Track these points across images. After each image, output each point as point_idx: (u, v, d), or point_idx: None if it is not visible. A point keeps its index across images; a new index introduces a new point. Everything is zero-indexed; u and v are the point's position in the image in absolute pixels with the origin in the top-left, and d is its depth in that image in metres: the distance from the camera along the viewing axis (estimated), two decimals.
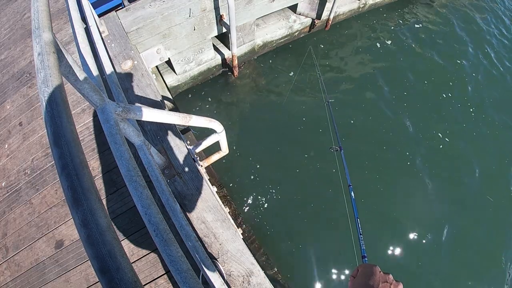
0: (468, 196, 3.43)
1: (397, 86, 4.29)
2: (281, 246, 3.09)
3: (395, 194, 3.37)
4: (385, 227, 3.18)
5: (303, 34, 4.74)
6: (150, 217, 0.81)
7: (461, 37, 5.07)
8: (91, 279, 1.69)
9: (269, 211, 3.26)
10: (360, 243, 1.57)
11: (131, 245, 1.70)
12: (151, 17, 2.77)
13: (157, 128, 1.94)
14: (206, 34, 3.46)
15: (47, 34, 0.75)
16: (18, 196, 2.06)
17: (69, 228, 1.84)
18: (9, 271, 1.84)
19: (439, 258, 3.04)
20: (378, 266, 0.67)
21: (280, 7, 3.90)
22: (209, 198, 1.69)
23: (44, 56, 0.69)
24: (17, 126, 2.38)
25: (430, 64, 4.59)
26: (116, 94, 1.59)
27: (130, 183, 0.83)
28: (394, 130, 3.85)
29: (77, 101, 2.30)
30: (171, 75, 3.81)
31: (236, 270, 1.48)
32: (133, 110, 1.04)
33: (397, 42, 4.83)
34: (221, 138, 1.91)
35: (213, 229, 1.59)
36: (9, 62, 2.86)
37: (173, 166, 1.79)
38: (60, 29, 2.81)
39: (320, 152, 3.57)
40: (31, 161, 2.16)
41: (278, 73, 4.39)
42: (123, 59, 2.34)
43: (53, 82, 0.65)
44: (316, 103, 3.98)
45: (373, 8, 5.23)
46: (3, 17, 3.39)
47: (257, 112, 4.01)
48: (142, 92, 2.14)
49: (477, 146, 3.82)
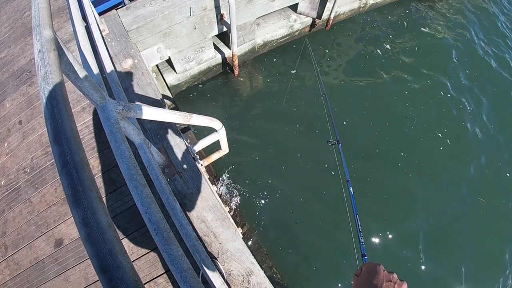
0: (467, 193, 3.44)
1: (397, 85, 4.29)
2: (281, 246, 3.08)
3: (394, 191, 3.39)
4: (385, 223, 3.18)
5: (304, 33, 4.74)
6: (150, 216, 0.80)
7: (463, 37, 5.06)
8: (90, 278, 1.69)
9: (268, 209, 3.26)
10: (359, 240, 1.49)
11: (131, 244, 1.69)
12: (151, 15, 2.77)
13: (157, 127, 1.94)
14: (206, 33, 3.45)
15: (48, 31, 0.74)
16: (17, 194, 2.06)
17: (69, 227, 1.83)
18: (8, 270, 1.84)
19: (439, 256, 3.05)
20: (382, 264, 0.67)
21: (281, 6, 3.90)
22: (209, 197, 1.68)
23: (45, 53, 0.69)
24: (17, 125, 2.38)
25: (430, 64, 4.59)
26: (117, 93, 1.59)
27: (130, 181, 0.83)
28: (393, 128, 3.86)
29: (77, 100, 2.30)
30: (171, 74, 3.80)
31: (236, 270, 1.48)
32: (133, 109, 1.04)
33: (397, 41, 4.83)
34: (221, 137, 1.91)
35: (213, 228, 1.59)
36: (9, 60, 2.85)
37: (173, 165, 1.79)
38: (60, 27, 2.80)
39: (319, 147, 3.59)
40: (30, 160, 2.15)
41: (278, 72, 4.38)
42: (123, 57, 2.33)
43: (53, 79, 0.64)
44: (315, 99, 4.00)
45: (373, 8, 5.23)
46: (3, 15, 3.38)
47: (257, 111, 4.01)
48: (142, 90, 2.13)
49: (477, 143, 3.83)
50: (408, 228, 3.18)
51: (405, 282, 0.63)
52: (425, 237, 3.14)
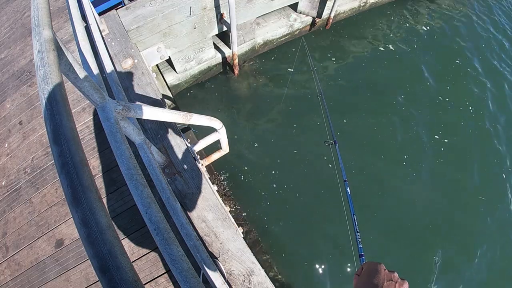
0: (466, 192, 3.44)
1: (396, 85, 4.28)
2: (281, 245, 3.08)
3: (392, 190, 3.38)
4: (383, 223, 3.18)
5: (304, 32, 4.73)
6: (151, 216, 0.80)
7: (465, 37, 5.04)
8: (91, 278, 1.69)
9: (268, 209, 3.26)
10: (357, 241, 1.48)
11: (132, 244, 1.69)
12: (151, 15, 2.77)
13: (158, 127, 1.93)
14: (206, 33, 3.45)
15: (47, 31, 0.74)
16: (18, 195, 2.06)
17: (69, 227, 1.83)
18: (9, 270, 1.84)
19: (438, 255, 3.04)
20: (383, 264, 0.66)
21: (281, 5, 3.89)
22: (209, 197, 1.68)
23: (44, 54, 0.68)
24: (17, 125, 2.38)
25: (429, 64, 4.58)
26: (117, 93, 1.59)
27: (131, 181, 0.83)
28: (392, 127, 3.86)
29: (77, 100, 2.29)
30: (171, 74, 3.80)
31: (236, 269, 1.48)
32: (133, 109, 1.04)
33: (397, 40, 4.82)
34: (221, 137, 1.90)
35: (213, 228, 1.58)
36: (9, 61, 2.85)
37: (173, 164, 1.78)
38: (60, 27, 2.80)
39: (316, 148, 3.59)
40: (31, 160, 2.16)
41: (278, 71, 4.38)
42: (123, 57, 2.33)
43: (52, 80, 0.64)
44: (311, 98, 4.00)
45: (374, 7, 5.22)
46: (3, 16, 3.38)
47: (257, 110, 4.01)
48: (143, 90, 2.13)
49: (476, 144, 3.83)
50: (408, 228, 3.17)
51: (406, 281, 0.63)
52: (425, 236, 3.13)
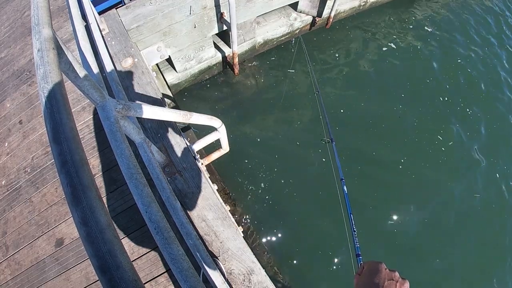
0: (466, 192, 3.44)
1: (396, 84, 4.27)
2: (281, 245, 3.08)
3: (393, 190, 3.38)
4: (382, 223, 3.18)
5: (304, 32, 4.72)
6: (151, 215, 0.80)
7: (465, 37, 5.03)
8: (91, 277, 1.69)
9: (266, 209, 3.26)
10: (354, 240, 1.45)
11: (132, 243, 1.69)
12: (151, 14, 2.76)
13: (158, 126, 1.93)
14: (206, 32, 3.45)
15: (47, 30, 0.74)
16: (18, 194, 2.06)
17: (69, 226, 1.83)
18: (9, 270, 1.84)
19: (437, 254, 3.05)
20: (384, 263, 0.66)
21: (281, 4, 3.88)
22: (209, 196, 1.68)
23: (44, 52, 0.68)
24: (17, 124, 2.38)
25: (430, 63, 4.57)
26: (117, 92, 1.58)
27: (131, 180, 0.83)
28: (392, 126, 3.86)
29: (77, 99, 2.29)
30: (171, 73, 3.79)
31: (237, 269, 1.48)
32: (133, 108, 1.04)
33: (397, 40, 4.81)
34: (221, 136, 1.90)
35: (213, 227, 1.58)
36: (9, 60, 2.85)
37: (173, 164, 1.78)
38: (60, 27, 2.80)
39: (314, 146, 3.59)
40: (31, 159, 2.15)
41: (278, 70, 4.38)
42: (123, 56, 2.33)
43: (52, 78, 0.64)
44: (310, 96, 4.00)
45: (374, 6, 5.20)
46: (3, 15, 3.38)
47: (256, 109, 4.01)
48: (143, 89, 2.13)
49: (475, 138, 3.83)
50: (408, 228, 3.17)
51: (407, 281, 0.63)
52: (424, 236, 3.13)
